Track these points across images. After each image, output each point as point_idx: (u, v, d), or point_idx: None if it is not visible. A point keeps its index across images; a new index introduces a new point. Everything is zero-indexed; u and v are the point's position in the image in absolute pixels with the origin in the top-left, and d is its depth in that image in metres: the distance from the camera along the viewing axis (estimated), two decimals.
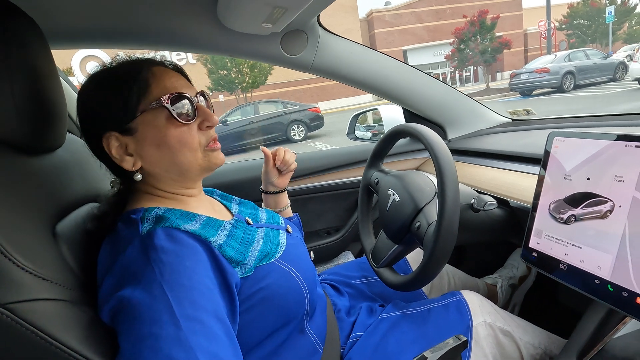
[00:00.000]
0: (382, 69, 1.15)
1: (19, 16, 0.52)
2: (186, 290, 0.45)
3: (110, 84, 0.56)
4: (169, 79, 0.57)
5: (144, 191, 0.60)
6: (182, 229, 0.51)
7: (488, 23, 17.67)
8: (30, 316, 0.40)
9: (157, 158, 0.56)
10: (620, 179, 0.52)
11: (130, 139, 0.56)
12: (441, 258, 0.64)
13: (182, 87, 0.58)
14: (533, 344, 0.73)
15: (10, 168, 0.51)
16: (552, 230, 0.61)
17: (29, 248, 0.44)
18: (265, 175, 0.91)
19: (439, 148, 0.67)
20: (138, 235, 0.49)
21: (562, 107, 8.38)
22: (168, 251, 0.47)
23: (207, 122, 0.59)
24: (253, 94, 18.42)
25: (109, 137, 0.55)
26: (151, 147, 0.56)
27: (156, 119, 0.55)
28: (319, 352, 0.65)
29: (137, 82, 0.55)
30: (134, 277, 0.45)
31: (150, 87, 0.55)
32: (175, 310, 0.43)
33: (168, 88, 0.56)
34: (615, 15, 20.82)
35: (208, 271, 0.49)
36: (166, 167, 0.58)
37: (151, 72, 0.56)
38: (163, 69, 0.58)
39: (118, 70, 0.57)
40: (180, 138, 0.56)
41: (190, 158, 0.57)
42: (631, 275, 0.49)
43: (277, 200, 0.93)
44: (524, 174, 0.87)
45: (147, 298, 0.43)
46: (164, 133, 0.55)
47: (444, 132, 1.33)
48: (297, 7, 0.75)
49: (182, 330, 0.42)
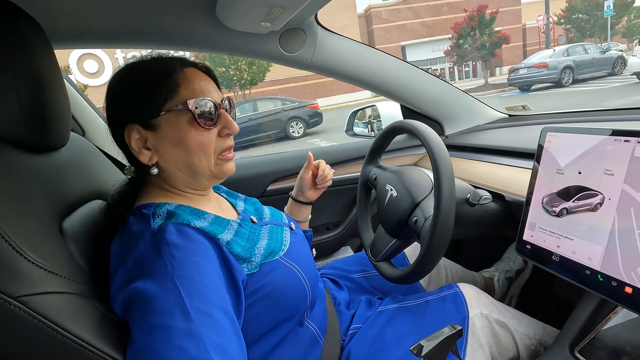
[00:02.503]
0: (379, 66, 1.16)
1: (23, 19, 0.53)
2: (196, 285, 0.46)
3: (141, 78, 0.57)
4: (199, 82, 0.58)
5: (156, 185, 0.61)
6: (193, 225, 0.53)
7: (487, 18, 17.62)
8: (42, 309, 0.42)
9: (173, 157, 0.58)
10: (610, 173, 0.53)
11: (151, 134, 0.57)
12: (438, 251, 0.66)
13: (210, 92, 0.59)
14: (528, 335, 0.74)
15: (17, 167, 0.52)
16: (545, 223, 0.63)
17: (38, 244, 0.46)
18: (300, 182, 0.92)
19: (435, 144, 0.69)
20: (150, 230, 0.51)
21: (559, 102, 8.40)
22: (179, 246, 0.49)
23: (227, 130, 0.60)
24: (251, 91, 18.38)
25: (131, 128, 0.56)
26: (169, 145, 0.57)
27: (179, 119, 0.56)
28: (319, 344, 0.67)
29: (167, 81, 0.56)
30: (146, 271, 0.47)
31: (179, 87, 0.56)
32: (186, 303, 0.44)
33: (196, 91, 0.57)
34: (614, 9, 20.77)
35: (216, 267, 0.51)
36: (180, 167, 0.59)
37: (183, 72, 0.57)
38: (195, 71, 0.59)
39: (151, 66, 0.58)
40: (199, 142, 0.57)
41: (204, 162, 0.58)
42: (620, 265, 0.51)
43: (302, 210, 0.94)
44: (520, 169, 0.88)
45: (159, 291, 0.45)
46: (185, 134, 0.56)
47: (441, 128, 1.35)
48: (295, 6, 0.76)
49: (193, 323, 0.43)
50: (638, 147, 0.50)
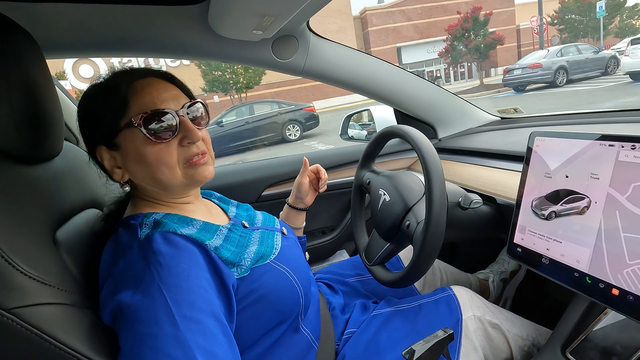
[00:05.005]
0: (372, 71, 1.17)
1: (16, 31, 0.54)
2: (183, 292, 0.47)
3: (95, 99, 0.57)
4: (150, 93, 0.56)
5: (142, 198, 0.62)
6: (179, 233, 0.53)
7: (481, 19, 17.73)
8: (35, 320, 0.42)
9: (140, 173, 0.57)
10: (596, 177, 0.54)
11: (117, 153, 0.57)
12: (430, 255, 0.67)
13: (165, 101, 0.56)
14: (521, 336, 0.75)
15: (10, 177, 0.52)
16: (535, 226, 0.64)
17: (31, 255, 0.46)
18: (300, 187, 0.92)
19: (426, 149, 0.69)
20: (137, 240, 0.51)
21: (554, 102, 8.45)
22: (166, 254, 0.49)
23: (187, 139, 0.57)
24: (248, 95, 18.39)
25: (100, 150, 0.57)
26: (133, 162, 0.56)
27: (135, 136, 0.55)
28: (314, 349, 0.68)
29: (115, 99, 0.55)
30: (133, 280, 0.47)
31: (129, 103, 0.54)
32: (173, 311, 0.44)
33: (146, 105, 0.55)
34: (606, 9, 20.97)
35: (205, 273, 0.51)
36: (148, 182, 0.58)
37: (132, 87, 0.55)
38: (146, 82, 0.57)
39: (103, 85, 0.57)
40: (157, 156, 0.55)
41: (168, 175, 0.57)
42: (607, 267, 0.52)
43: (299, 217, 0.95)
44: (511, 172, 0.89)
45: (146, 300, 0.45)
46: (142, 150, 0.55)
47: (434, 131, 1.36)
48: (286, 16, 0.77)
49: (180, 330, 0.44)
50: (622, 152, 0.51)
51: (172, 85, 0.60)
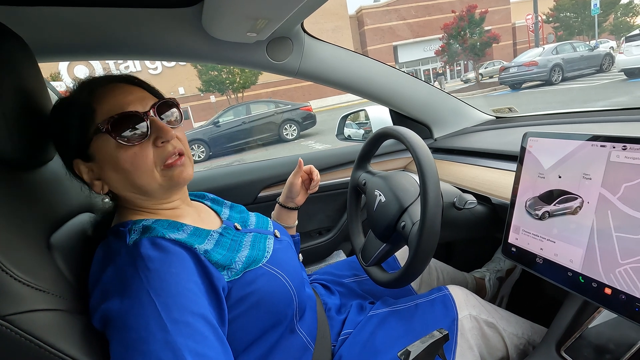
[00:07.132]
0: (367, 72, 1.17)
1: (9, 36, 0.53)
2: (172, 296, 0.47)
3: (62, 112, 0.56)
4: (114, 97, 0.55)
5: (127, 207, 0.61)
6: (168, 237, 0.53)
7: (477, 18, 17.79)
8: (29, 327, 0.42)
9: (118, 181, 0.56)
10: (588, 177, 0.55)
11: (93, 165, 0.56)
12: (425, 256, 0.67)
13: (130, 104, 0.55)
14: (517, 334, 0.76)
15: (4, 184, 0.52)
16: (529, 225, 0.64)
17: (25, 261, 0.46)
18: (292, 187, 0.93)
19: (420, 150, 0.70)
20: (125, 246, 0.51)
21: (549, 99, 8.50)
22: (154, 259, 0.49)
23: (160, 139, 0.55)
24: (244, 94, 18.36)
25: (77, 163, 0.56)
26: (110, 171, 0.55)
27: (107, 143, 0.54)
28: (310, 350, 0.68)
29: (79, 109, 0.54)
30: (122, 286, 0.47)
31: (95, 112, 0.54)
32: (162, 316, 0.45)
33: (112, 109, 0.53)
34: (601, 7, 21.07)
35: (194, 276, 0.51)
36: (128, 189, 0.57)
37: (93, 95, 0.55)
38: (110, 87, 0.56)
39: (69, 98, 0.57)
40: (132, 160, 0.54)
41: (147, 179, 0.56)
42: (599, 267, 0.52)
43: (290, 216, 0.95)
44: (505, 172, 0.90)
45: (135, 305, 0.45)
46: (116, 156, 0.54)
47: (430, 131, 1.36)
48: (279, 18, 0.77)
49: (170, 334, 0.44)
50: (613, 152, 0.52)
51: (137, 88, 0.59)
